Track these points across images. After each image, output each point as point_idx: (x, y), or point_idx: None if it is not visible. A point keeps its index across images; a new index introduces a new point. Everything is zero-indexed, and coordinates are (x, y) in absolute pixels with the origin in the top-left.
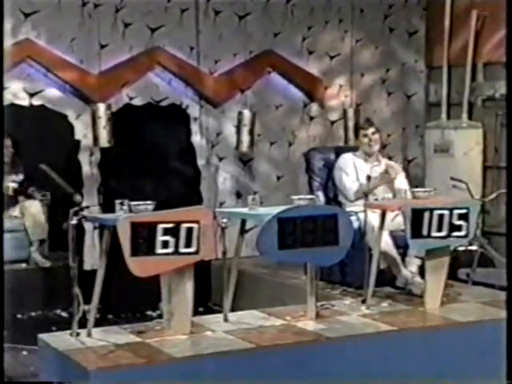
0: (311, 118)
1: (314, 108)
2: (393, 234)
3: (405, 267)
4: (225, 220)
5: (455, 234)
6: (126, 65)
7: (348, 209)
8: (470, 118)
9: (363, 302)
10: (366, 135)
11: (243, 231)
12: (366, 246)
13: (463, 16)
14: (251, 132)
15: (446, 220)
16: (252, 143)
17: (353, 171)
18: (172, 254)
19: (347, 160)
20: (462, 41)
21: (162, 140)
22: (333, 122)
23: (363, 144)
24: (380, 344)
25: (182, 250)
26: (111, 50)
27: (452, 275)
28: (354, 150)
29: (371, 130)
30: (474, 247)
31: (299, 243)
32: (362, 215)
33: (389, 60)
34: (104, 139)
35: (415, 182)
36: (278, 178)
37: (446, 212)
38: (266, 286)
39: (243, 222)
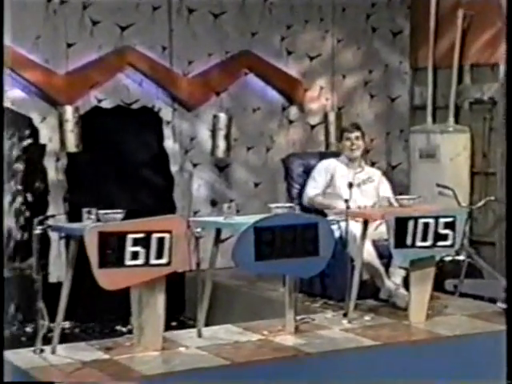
0: (290, 122)
1: (294, 111)
2: (376, 244)
3: (388, 278)
4: (199, 229)
5: (441, 243)
6: (95, 65)
7: (329, 217)
8: (456, 121)
9: (345, 315)
10: (348, 138)
11: (218, 241)
12: (347, 257)
13: (449, 15)
14: (227, 137)
15: (431, 229)
16: (228, 148)
17: (322, 178)
18: (142, 265)
19: (322, 166)
20: (448, 41)
21: (132, 145)
22: (313, 126)
23: (345, 148)
24: (362, 359)
25: (153, 261)
26: (79, 49)
27: (438, 287)
28: (336, 155)
29: (355, 134)
30: (461, 257)
31: (277, 254)
32: (343, 224)
33: (372, 61)
34: (71, 144)
35: (399, 188)
36: (256, 184)
37: (431, 220)
38: (242, 299)
39: (218, 232)
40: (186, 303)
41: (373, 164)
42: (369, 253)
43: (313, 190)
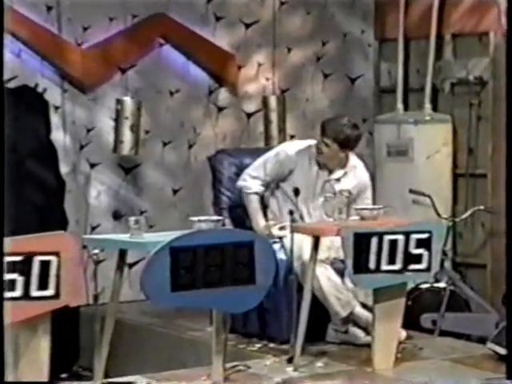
0: (220, 109)
1: (224, 95)
2: (333, 267)
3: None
4: (97, 251)
5: (413, 266)
6: None
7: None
8: (434, 108)
9: (289, 361)
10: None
11: (123, 266)
12: (293, 285)
13: None
14: (136, 128)
15: (400, 248)
16: (137, 143)
17: (280, 168)
18: (20, 298)
19: (283, 153)
20: (423, 5)
21: (8, 136)
22: (249, 115)
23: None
24: None
25: (35, 292)
26: None
27: (411, 323)
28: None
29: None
30: (441, 284)
31: (201, 282)
32: (288, 242)
33: (325, 30)
34: None
35: None
36: (174, 191)
37: (400, 237)
38: (155, 342)
39: (123, 254)
40: (81, 349)
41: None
42: (326, 278)
43: (253, 180)
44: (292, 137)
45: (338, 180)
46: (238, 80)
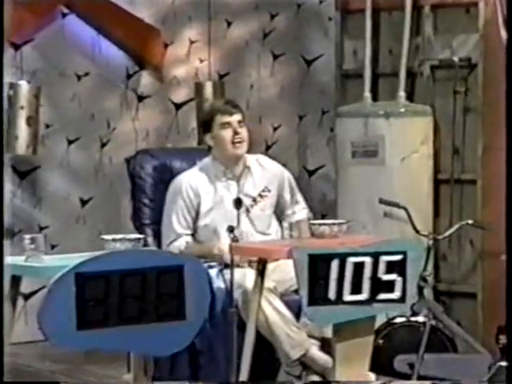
0: (141, 98)
1: (146, 80)
2: (283, 299)
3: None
4: None
5: (384, 296)
6: None
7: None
8: (411, 97)
9: None
10: (226, 125)
11: (16, 297)
12: (234, 320)
13: None
14: (33, 120)
15: (367, 273)
16: (35, 140)
17: (186, 210)
18: None
19: (181, 187)
20: None
21: None
22: (179, 106)
23: (222, 142)
24: None
25: None
26: None
27: (383, 366)
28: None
29: (236, 116)
30: (420, 318)
31: (115, 318)
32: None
33: None
34: None
35: (320, 207)
36: (83, 202)
37: (367, 259)
38: None
39: (16, 282)
40: None
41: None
42: (275, 310)
43: (178, 238)
44: None
45: (248, 181)
46: (164, 61)
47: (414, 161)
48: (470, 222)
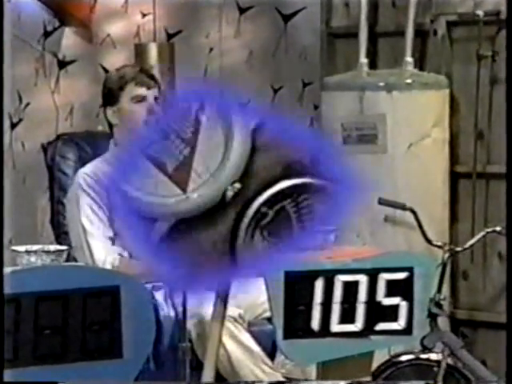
0: (63, 64)
1: (70, 40)
2: (252, 329)
3: None
4: None
5: (384, 325)
6: None
7: None
8: (420, 64)
9: None
10: (142, 98)
11: None
12: (186, 358)
13: None
14: None
15: (362, 295)
16: None
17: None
18: None
19: (91, 182)
20: None
21: None
22: None
23: (131, 120)
24: None
25: None
26: None
27: None
28: None
29: (154, 91)
30: (433, 355)
31: (29, 356)
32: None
33: None
34: None
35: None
36: None
37: (362, 278)
38: None
39: None
40: None
41: None
42: (239, 347)
43: (102, 249)
44: None
45: None
46: (94, 15)
47: (424, 148)
48: (498, 228)
